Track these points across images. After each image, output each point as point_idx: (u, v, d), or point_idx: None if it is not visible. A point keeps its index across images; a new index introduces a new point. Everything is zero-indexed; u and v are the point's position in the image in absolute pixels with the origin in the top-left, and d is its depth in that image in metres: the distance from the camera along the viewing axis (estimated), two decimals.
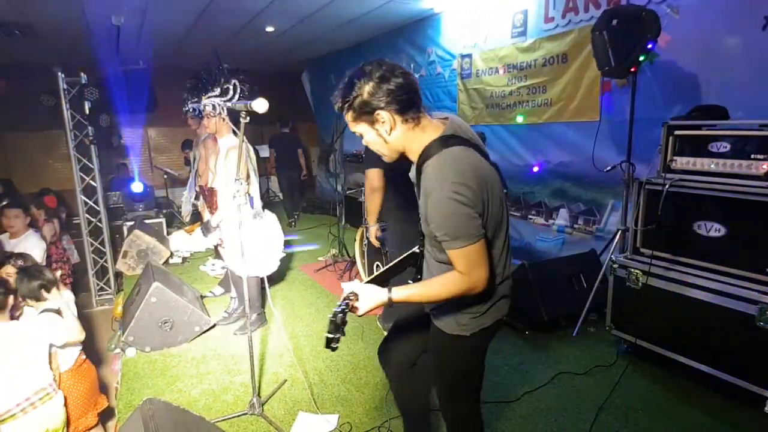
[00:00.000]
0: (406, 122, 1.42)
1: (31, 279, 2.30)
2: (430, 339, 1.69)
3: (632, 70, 2.95)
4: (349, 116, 1.45)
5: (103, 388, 2.87)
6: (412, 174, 1.56)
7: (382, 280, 1.53)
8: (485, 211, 1.39)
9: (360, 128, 1.46)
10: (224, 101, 2.60)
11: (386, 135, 1.43)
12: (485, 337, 1.60)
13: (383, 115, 1.39)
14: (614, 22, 2.98)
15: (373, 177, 2.98)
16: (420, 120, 1.44)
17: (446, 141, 1.42)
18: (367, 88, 1.37)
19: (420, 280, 1.68)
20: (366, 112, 1.40)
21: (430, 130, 1.46)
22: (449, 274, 1.42)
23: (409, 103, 1.40)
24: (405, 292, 1.44)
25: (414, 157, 1.49)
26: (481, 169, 1.40)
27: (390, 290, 1.43)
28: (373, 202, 3.06)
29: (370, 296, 1.43)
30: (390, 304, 1.44)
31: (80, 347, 2.45)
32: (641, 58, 2.90)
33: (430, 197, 1.36)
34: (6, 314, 2.14)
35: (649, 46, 2.88)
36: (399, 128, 1.42)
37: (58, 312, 2.29)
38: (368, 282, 1.49)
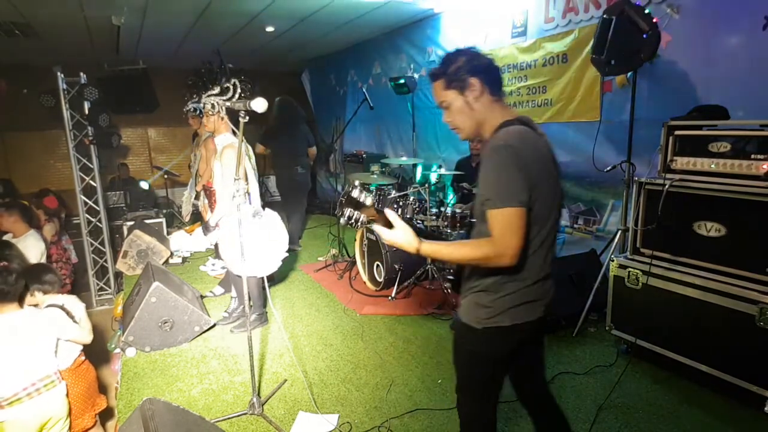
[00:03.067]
0: (491, 95, 1.52)
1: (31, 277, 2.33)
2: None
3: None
4: (439, 84, 1.54)
5: (103, 389, 2.86)
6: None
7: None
8: (533, 186, 1.38)
9: (448, 96, 1.53)
10: (223, 100, 2.61)
11: (473, 102, 1.51)
12: (499, 340, 1.53)
13: (474, 81, 1.49)
14: (607, 42, 2.98)
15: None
16: (502, 100, 1.56)
17: (520, 121, 1.50)
18: (462, 58, 1.51)
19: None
20: (459, 79, 1.50)
21: (508, 113, 1.55)
22: (481, 238, 1.44)
23: (496, 80, 1.53)
24: (434, 247, 1.48)
25: (487, 134, 1.54)
26: (538, 150, 1.45)
27: (421, 240, 1.49)
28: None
29: (401, 236, 1.50)
30: (416, 252, 1.49)
31: (80, 348, 2.45)
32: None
33: (484, 159, 1.44)
34: (16, 302, 2.15)
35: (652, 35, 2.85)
36: (485, 98, 1.51)
37: (63, 308, 2.31)
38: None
